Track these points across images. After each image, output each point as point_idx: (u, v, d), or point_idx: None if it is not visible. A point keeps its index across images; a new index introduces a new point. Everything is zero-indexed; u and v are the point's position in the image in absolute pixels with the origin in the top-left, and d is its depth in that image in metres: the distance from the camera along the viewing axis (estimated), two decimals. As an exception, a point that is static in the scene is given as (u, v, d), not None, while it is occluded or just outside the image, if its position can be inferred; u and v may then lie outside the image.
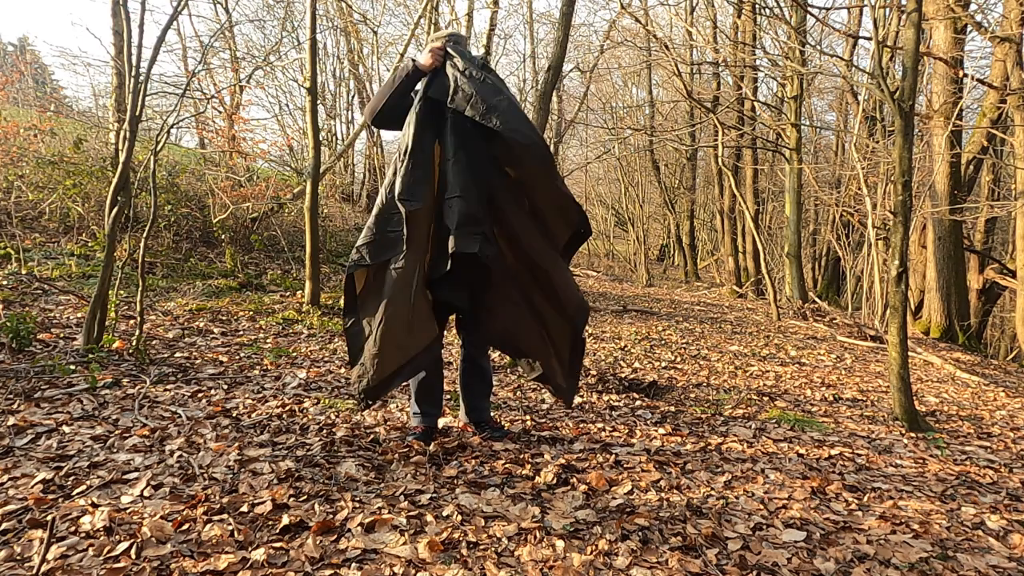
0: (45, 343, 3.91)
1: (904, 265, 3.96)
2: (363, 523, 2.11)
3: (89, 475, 2.32)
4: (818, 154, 16.92)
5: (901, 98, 3.96)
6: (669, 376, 4.92)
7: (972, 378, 6.14)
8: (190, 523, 2.03)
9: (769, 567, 2.06)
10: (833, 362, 6.27)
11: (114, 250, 3.92)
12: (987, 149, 10.40)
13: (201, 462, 2.50)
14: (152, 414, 3.02)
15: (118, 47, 7.37)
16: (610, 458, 2.94)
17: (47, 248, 6.13)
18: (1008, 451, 3.65)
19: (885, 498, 2.74)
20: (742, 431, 3.57)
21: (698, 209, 22.47)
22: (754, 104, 13.93)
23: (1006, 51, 8.02)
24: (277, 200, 8.31)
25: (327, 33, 13.52)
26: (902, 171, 3.96)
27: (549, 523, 2.23)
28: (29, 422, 2.74)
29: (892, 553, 2.20)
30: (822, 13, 11.59)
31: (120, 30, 6.97)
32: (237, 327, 5.14)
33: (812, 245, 17.01)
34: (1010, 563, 2.21)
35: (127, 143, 3.90)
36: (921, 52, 6.40)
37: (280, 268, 7.66)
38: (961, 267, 10.15)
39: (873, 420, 4.08)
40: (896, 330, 3.95)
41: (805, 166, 11.53)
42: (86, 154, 7.25)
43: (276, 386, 3.70)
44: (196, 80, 8.61)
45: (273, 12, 13.17)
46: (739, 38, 12.64)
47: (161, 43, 4.15)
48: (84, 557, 1.82)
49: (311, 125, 6.37)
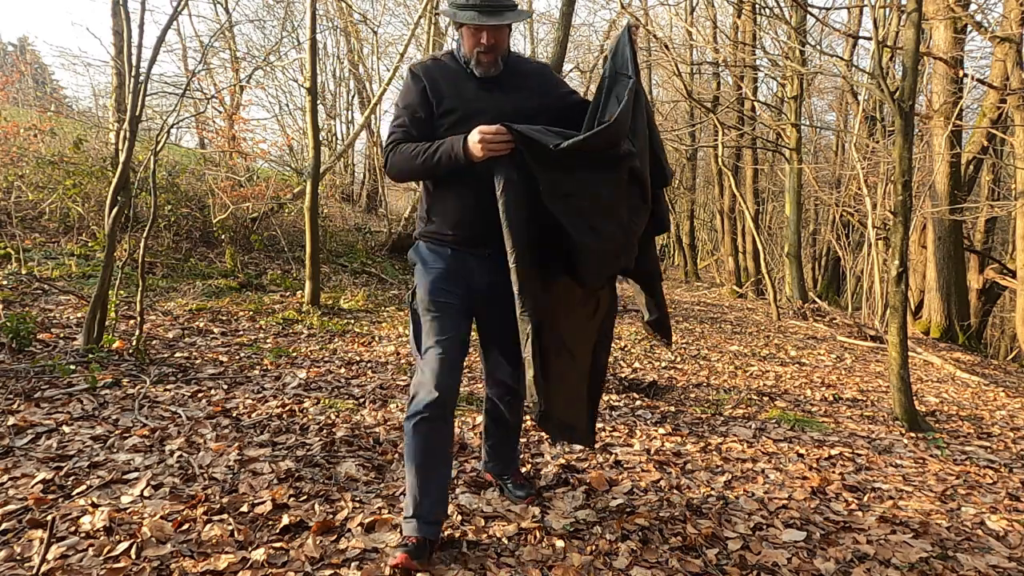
0: (45, 343, 3.91)
1: (904, 265, 3.96)
2: (363, 523, 2.11)
3: (89, 475, 2.33)
4: (818, 154, 16.91)
5: (901, 98, 3.96)
6: (669, 376, 4.92)
7: (972, 378, 6.13)
8: (190, 523, 2.04)
9: (769, 567, 2.06)
10: (833, 362, 6.27)
11: (114, 250, 3.92)
12: (987, 149, 10.39)
13: (201, 462, 2.50)
14: (152, 414, 3.02)
15: (118, 47, 7.37)
16: (610, 458, 2.94)
17: (47, 248, 6.13)
18: (1008, 451, 3.65)
19: (885, 498, 2.74)
20: (742, 431, 3.57)
21: (698, 209, 22.45)
22: (754, 104, 13.92)
23: (1006, 51, 8.01)
24: (277, 200, 8.31)
25: (327, 33, 13.52)
26: (902, 171, 3.96)
27: (549, 523, 2.23)
28: (29, 422, 2.74)
29: (892, 553, 2.20)
30: (822, 13, 11.59)
31: (120, 30, 6.97)
32: (237, 327, 5.13)
33: (812, 245, 17.01)
34: (1010, 563, 2.21)
35: (127, 143, 3.90)
36: (921, 52, 6.40)
37: (280, 268, 7.66)
38: (961, 267, 10.15)
39: (873, 420, 4.08)
40: (896, 330, 3.95)
41: (805, 166, 11.52)
42: (86, 154, 7.24)
43: (276, 386, 3.70)
44: (196, 80, 8.60)
45: (273, 12, 13.18)
46: (739, 38, 12.63)
47: (161, 43, 4.15)
48: (84, 557, 1.82)
49: (311, 125, 6.37)
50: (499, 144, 1.88)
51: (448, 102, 2.03)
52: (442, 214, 2.10)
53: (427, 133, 2.05)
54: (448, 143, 1.95)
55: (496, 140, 1.88)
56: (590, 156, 1.90)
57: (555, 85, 2.22)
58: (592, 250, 1.98)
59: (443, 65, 2.10)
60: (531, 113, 2.00)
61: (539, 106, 2.09)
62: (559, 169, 1.90)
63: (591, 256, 1.99)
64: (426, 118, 2.05)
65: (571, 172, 1.91)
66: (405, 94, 2.09)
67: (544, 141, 1.86)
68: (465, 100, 2.04)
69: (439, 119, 2.05)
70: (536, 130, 1.89)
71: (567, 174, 1.91)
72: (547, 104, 2.12)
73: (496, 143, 1.88)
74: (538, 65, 2.26)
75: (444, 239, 2.10)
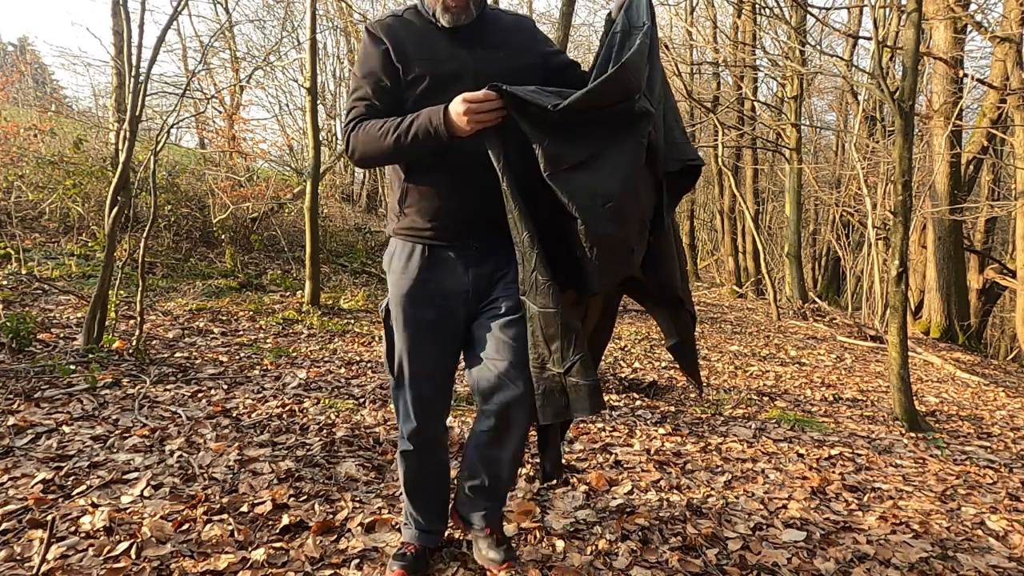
0: (45, 343, 3.91)
1: (904, 265, 3.96)
2: (363, 523, 2.11)
3: (89, 475, 2.33)
4: (818, 154, 16.91)
5: (901, 98, 3.96)
6: (669, 376, 4.92)
7: (972, 378, 6.13)
8: (190, 523, 2.04)
9: (769, 567, 2.06)
10: (833, 362, 6.27)
11: (114, 250, 3.92)
12: (987, 149, 10.40)
13: (201, 462, 2.50)
14: (152, 414, 3.02)
15: (118, 47, 7.37)
16: (610, 458, 2.94)
17: (47, 248, 6.13)
18: (1008, 451, 3.65)
19: (885, 498, 2.74)
20: (742, 431, 3.57)
21: (698, 209, 22.44)
22: (754, 104, 13.92)
23: (1006, 51, 8.02)
24: (277, 200, 8.32)
25: (327, 33, 13.52)
26: (902, 171, 3.96)
27: (549, 523, 2.23)
28: (29, 422, 2.74)
29: (892, 553, 2.20)
30: (822, 13, 11.59)
31: (120, 30, 6.97)
32: (237, 327, 5.14)
33: (812, 245, 17.01)
34: (1010, 563, 2.21)
35: (127, 143, 3.90)
36: (921, 52, 6.40)
37: (280, 268, 7.66)
38: (961, 267, 10.15)
39: (873, 420, 4.08)
40: (896, 330, 3.95)
41: (805, 166, 11.53)
42: (86, 154, 7.25)
43: (276, 386, 3.70)
44: (196, 80, 8.61)
45: (273, 12, 13.18)
46: (739, 38, 12.64)
47: (161, 43, 4.15)
48: (84, 557, 1.82)
49: (311, 125, 6.37)
50: (489, 113, 1.52)
51: (417, 67, 1.66)
52: (417, 204, 1.72)
53: (395, 105, 1.68)
54: (425, 115, 1.57)
55: (485, 108, 1.51)
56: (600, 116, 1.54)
57: (542, 42, 1.85)
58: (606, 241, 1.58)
59: (406, 22, 1.71)
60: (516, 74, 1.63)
61: (525, 66, 1.73)
62: (561, 136, 1.54)
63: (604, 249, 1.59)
64: (392, 87, 1.68)
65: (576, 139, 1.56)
66: (365, 60, 1.71)
67: (542, 102, 1.51)
68: (437, 62, 1.67)
69: (407, 88, 1.67)
70: (531, 91, 1.53)
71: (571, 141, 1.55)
72: (533, 64, 1.76)
73: (485, 112, 1.51)
74: (518, 17, 1.89)
75: (421, 234, 1.73)
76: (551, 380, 1.64)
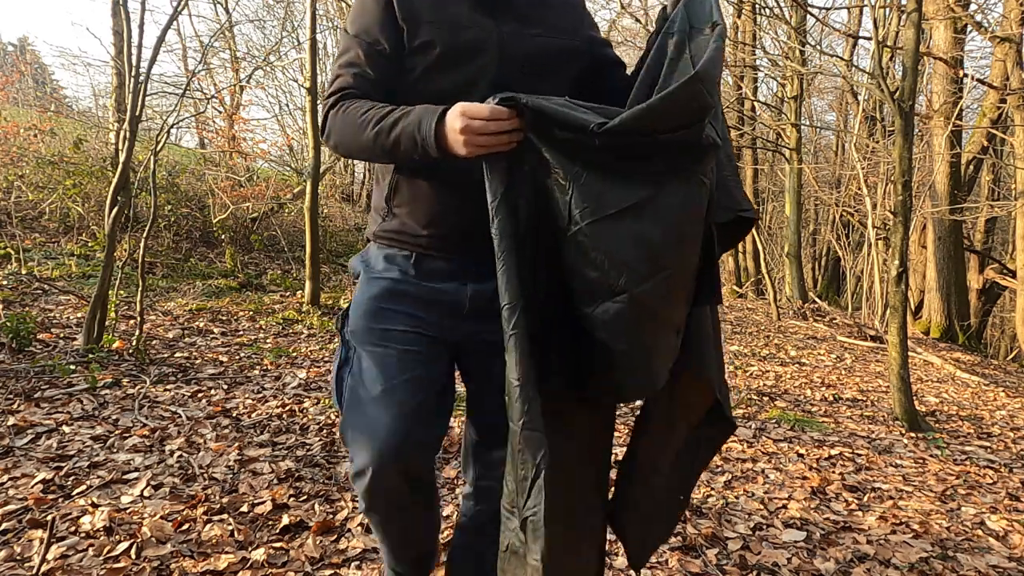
0: (45, 343, 3.91)
1: (904, 265, 3.96)
2: (363, 523, 2.11)
3: (89, 475, 2.32)
4: (818, 154, 16.92)
5: (901, 98, 3.96)
6: (669, 376, 4.92)
7: (972, 378, 6.13)
8: (190, 523, 2.04)
9: (769, 567, 2.06)
10: (833, 362, 6.27)
11: (114, 250, 3.92)
12: (987, 149, 10.40)
13: (201, 462, 2.50)
14: (152, 414, 3.02)
15: (118, 47, 7.37)
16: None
17: (47, 248, 6.13)
18: (1008, 451, 3.65)
19: (885, 498, 2.74)
20: (742, 431, 3.57)
21: (698, 209, 22.47)
22: (754, 104, 13.92)
23: (1006, 51, 8.02)
24: (277, 200, 8.32)
25: (327, 33, 13.50)
26: (902, 171, 3.96)
27: (549, 523, 2.22)
28: (29, 422, 2.74)
29: (892, 553, 2.20)
30: (822, 13, 11.59)
31: (120, 30, 6.97)
32: (237, 327, 5.14)
33: (812, 245, 17.01)
34: (1010, 563, 2.21)
35: (127, 143, 3.90)
36: (921, 52, 6.40)
37: (280, 268, 7.67)
38: (961, 267, 10.16)
39: (873, 420, 4.08)
40: (896, 330, 3.95)
41: (805, 166, 11.53)
42: (86, 154, 7.25)
43: (276, 386, 3.70)
44: (196, 80, 8.61)
45: (273, 12, 13.17)
46: (739, 38, 12.64)
47: (161, 43, 4.15)
48: (84, 557, 1.82)
49: (311, 125, 6.37)
50: (494, 138, 1.07)
51: (428, 30, 1.24)
52: (412, 202, 1.31)
53: (392, 78, 1.27)
54: (413, 120, 1.13)
55: (491, 130, 1.06)
56: (656, 144, 1.05)
57: (590, 25, 1.40)
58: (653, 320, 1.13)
59: None
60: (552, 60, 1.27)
61: (566, 50, 1.31)
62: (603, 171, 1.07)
63: (648, 333, 1.13)
64: (392, 52, 1.26)
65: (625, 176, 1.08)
66: (360, 12, 1.28)
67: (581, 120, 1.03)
68: (453, 27, 1.25)
69: (411, 55, 1.26)
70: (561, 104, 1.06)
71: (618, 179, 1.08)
72: (577, 49, 1.33)
73: (491, 134, 1.07)
74: None
75: (412, 241, 1.33)
76: (516, 536, 1.16)
